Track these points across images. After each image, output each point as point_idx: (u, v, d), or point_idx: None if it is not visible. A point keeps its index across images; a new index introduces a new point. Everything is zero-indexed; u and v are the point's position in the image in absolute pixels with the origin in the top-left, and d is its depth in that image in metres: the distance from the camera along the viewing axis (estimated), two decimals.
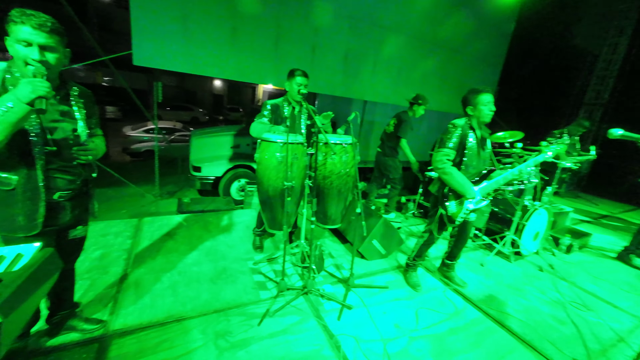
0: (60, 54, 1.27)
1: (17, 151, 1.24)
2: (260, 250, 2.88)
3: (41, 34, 1.18)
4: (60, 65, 1.30)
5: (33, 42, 1.17)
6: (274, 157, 2.14)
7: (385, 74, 4.69)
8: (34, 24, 1.16)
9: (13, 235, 1.31)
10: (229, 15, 3.35)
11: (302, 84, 2.45)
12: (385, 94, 4.85)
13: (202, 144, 5.85)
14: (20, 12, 1.16)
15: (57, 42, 1.24)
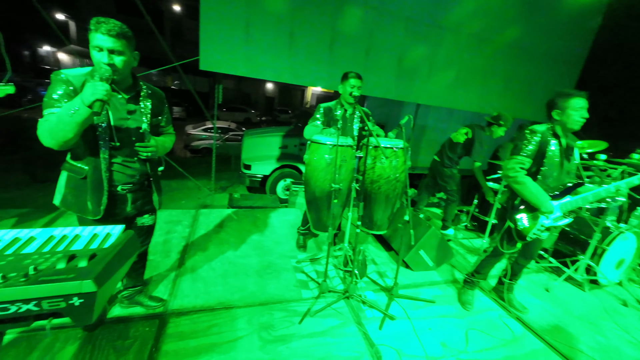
0: (127, 57, 1.36)
1: (88, 144, 1.41)
2: (303, 249, 2.93)
3: (109, 39, 1.28)
4: (128, 67, 1.39)
5: (103, 47, 1.28)
6: (323, 158, 2.16)
7: (441, 76, 4.44)
8: (104, 30, 1.26)
9: (84, 217, 1.50)
10: (287, 20, 3.49)
11: (355, 85, 2.44)
12: (441, 98, 4.59)
13: (253, 144, 6.20)
14: (96, 20, 1.27)
15: (124, 46, 1.33)
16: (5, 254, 0.73)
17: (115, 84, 1.40)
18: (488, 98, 4.82)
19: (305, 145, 6.65)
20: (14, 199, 3.94)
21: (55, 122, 1.22)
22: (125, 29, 1.33)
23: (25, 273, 0.62)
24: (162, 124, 1.69)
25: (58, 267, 0.67)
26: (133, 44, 1.39)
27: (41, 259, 0.70)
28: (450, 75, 4.46)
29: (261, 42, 3.46)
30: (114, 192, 1.53)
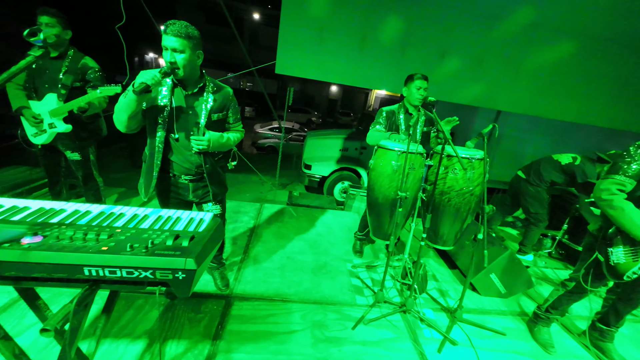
0: (188, 55, 1.43)
1: (152, 133, 1.59)
2: (359, 254, 2.90)
3: (172, 39, 1.38)
4: (189, 65, 1.46)
5: (168, 46, 1.40)
6: (389, 165, 2.10)
7: (529, 80, 3.92)
8: (170, 31, 1.37)
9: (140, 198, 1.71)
10: (360, 24, 3.50)
11: (421, 86, 2.33)
12: (526, 105, 4.06)
13: (315, 144, 6.37)
14: (167, 23, 1.39)
15: (185, 45, 1.41)
16: (129, 227, 0.88)
17: (180, 80, 1.54)
18: (593, 106, 4.08)
19: (366, 149, 6.56)
20: (118, 180, 4.75)
21: (116, 106, 1.46)
22: (189, 30, 1.41)
23: (146, 245, 0.74)
24: (230, 120, 1.77)
25: (167, 244, 0.78)
26: (196, 44, 1.46)
27: (154, 235, 0.83)
28: (542, 80, 3.91)
29: (333, 46, 3.54)
30: (176, 180, 1.70)
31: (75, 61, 2.19)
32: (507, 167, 5.15)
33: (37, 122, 2.15)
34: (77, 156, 2.37)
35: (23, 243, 0.70)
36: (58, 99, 2.15)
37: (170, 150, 1.64)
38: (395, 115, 2.45)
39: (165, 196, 1.78)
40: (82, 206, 0.98)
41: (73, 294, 0.98)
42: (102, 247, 0.71)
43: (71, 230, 0.77)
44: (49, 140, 2.25)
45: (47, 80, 2.14)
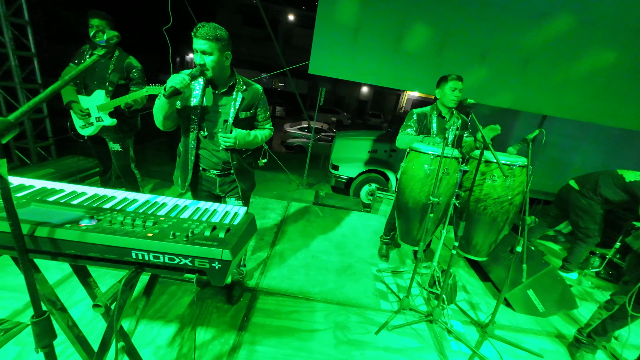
0: (216, 57, 1.48)
1: (184, 130, 1.68)
2: (385, 259, 2.84)
3: (201, 42, 1.43)
4: (218, 66, 1.50)
5: (198, 49, 1.46)
6: (422, 168, 2.04)
7: (581, 84, 3.60)
8: (199, 34, 1.42)
9: (176, 189, 1.80)
10: (397, 25, 3.43)
11: (456, 87, 2.24)
12: (576, 110, 3.73)
13: (343, 145, 6.34)
14: (197, 26, 1.43)
15: (213, 47, 1.45)
16: (171, 216, 0.93)
17: (211, 80, 1.59)
18: None
19: (395, 151, 6.42)
20: (158, 172, 5.06)
21: (154, 107, 1.56)
22: (217, 32, 1.44)
23: (187, 235, 0.78)
24: (259, 118, 1.80)
25: (205, 234, 0.81)
26: (225, 45, 1.50)
27: (194, 225, 0.87)
28: (596, 83, 3.57)
29: (368, 47, 3.50)
30: (206, 174, 1.77)
31: (121, 60, 2.37)
32: (550, 177, 4.77)
33: (84, 115, 2.36)
34: (118, 147, 2.57)
35: (81, 225, 0.77)
36: (106, 95, 2.35)
37: (201, 146, 1.72)
38: (427, 118, 2.37)
39: (195, 188, 1.87)
40: (130, 194, 1.06)
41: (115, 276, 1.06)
42: (147, 234, 0.77)
43: (121, 216, 0.84)
44: (94, 132, 2.47)
45: (97, 78, 2.34)
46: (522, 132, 4.81)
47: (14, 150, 3.75)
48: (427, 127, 2.36)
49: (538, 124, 4.22)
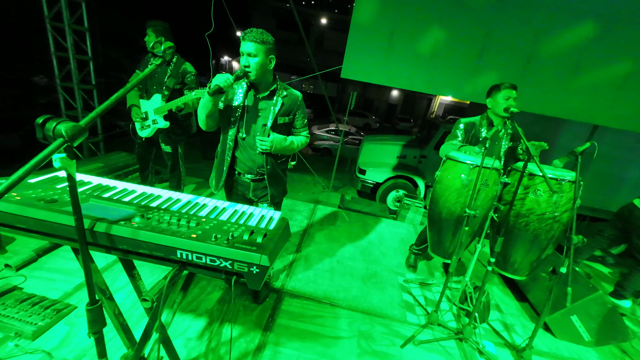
0: (261, 59, 1.52)
1: (224, 132, 1.72)
2: (413, 269, 2.75)
3: (248, 44, 1.50)
4: (261, 68, 1.54)
5: (244, 52, 1.52)
6: (458, 178, 1.95)
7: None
8: (246, 37, 1.50)
9: (210, 190, 1.86)
10: (433, 29, 3.33)
11: (510, 96, 2.11)
12: (633, 121, 3.39)
13: (371, 149, 6.26)
14: (245, 31, 1.52)
15: (259, 50, 1.50)
16: (211, 217, 0.96)
17: (253, 84, 1.64)
18: None
19: (426, 157, 6.21)
20: (190, 170, 5.30)
21: (198, 106, 1.64)
22: (264, 37, 1.51)
23: (227, 238, 0.80)
24: (297, 125, 1.82)
25: (244, 238, 0.83)
26: (270, 49, 1.55)
27: (233, 228, 0.90)
28: None
29: (403, 52, 3.43)
30: (241, 178, 1.81)
31: (177, 66, 2.53)
32: (599, 192, 4.38)
33: (142, 117, 2.55)
34: (169, 149, 2.73)
35: (133, 223, 0.82)
36: (162, 98, 2.51)
37: (238, 148, 1.76)
38: (476, 128, 2.26)
39: (229, 191, 1.92)
40: (174, 194, 1.11)
41: (151, 269, 1.11)
42: (192, 234, 0.80)
43: (167, 215, 0.88)
44: (151, 134, 2.65)
45: (156, 83, 2.52)
46: (568, 142, 4.45)
47: None
48: (476, 137, 2.26)
49: (588, 134, 3.89)
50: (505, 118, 2.22)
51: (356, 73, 3.58)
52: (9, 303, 1.70)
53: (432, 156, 5.77)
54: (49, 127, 0.64)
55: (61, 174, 1.13)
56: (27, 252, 0.82)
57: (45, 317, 1.66)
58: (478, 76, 3.35)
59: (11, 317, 1.61)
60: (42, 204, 0.84)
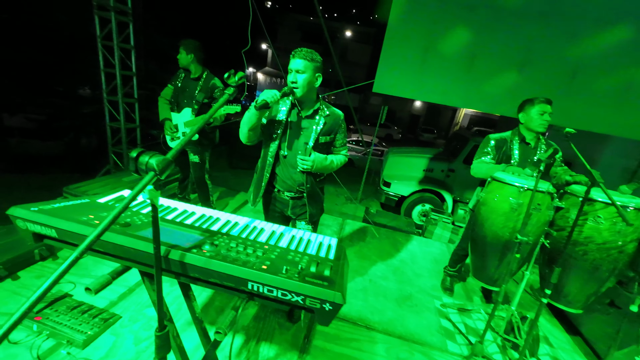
0: (308, 76, 1.55)
1: (265, 148, 1.72)
2: (449, 292, 2.62)
3: (297, 61, 1.53)
4: (307, 85, 1.57)
5: (292, 69, 1.55)
6: (507, 201, 1.85)
7: None
8: (296, 55, 1.54)
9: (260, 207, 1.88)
10: (469, 44, 3.26)
11: (545, 111, 2.01)
12: None
13: (396, 162, 6.15)
14: (296, 50, 1.55)
15: (307, 67, 1.54)
16: (272, 244, 0.96)
17: (298, 101, 1.65)
18: None
19: (454, 171, 6.02)
20: (217, 178, 5.44)
21: (242, 120, 1.63)
22: (313, 55, 1.55)
23: (298, 271, 0.79)
24: (337, 144, 1.81)
25: (311, 270, 0.82)
26: (317, 67, 1.58)
27: (297, 258, 0.88)
28: None
29: (437, 67, 3.38)
30: (280, 195, 1.81)
31: (207, 81, 2.63)
32: None
33: (173, 131, 2.66)
34: (196, 159, 2.82)
35: (204, 251, 0.83)
36: (192, 112, 2.61)
37: (279, 165, 1.77)
38: (507, 144, 2.16)
39: (267, 207, 1.93)
40: (231, 216, 1.13)
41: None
42: (262, 266, 0.79)
43: (234, 243, 0.89)
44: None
45: (187, 97, 2.63)
46: (613, 160, 4.17)
47: (111, 154, 4.36)
48: (507, 154, 2.16)
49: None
50: (539, 134, 2.11)
51: (389, 87, 3.56)
52: (61, 310, 1.78)
53: (461, 170, 5.59)
54: (142, 160, 0.66)
55: (126, 194, 1.18)
56: (104, 276, 0.84)
57: (93, 326, 1.72)
58: (518, 91, 3.23)
59: (63, 325, 1.68)
60: (118, 228, 0.86)
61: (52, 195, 5.04)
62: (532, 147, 2.15)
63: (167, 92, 2.71)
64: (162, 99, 2.73)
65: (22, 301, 1.87)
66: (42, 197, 5.05)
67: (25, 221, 0.85)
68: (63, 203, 0.96)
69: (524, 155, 2.13)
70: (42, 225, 0.85)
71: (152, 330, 1.69)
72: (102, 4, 3.64)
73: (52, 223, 0.84)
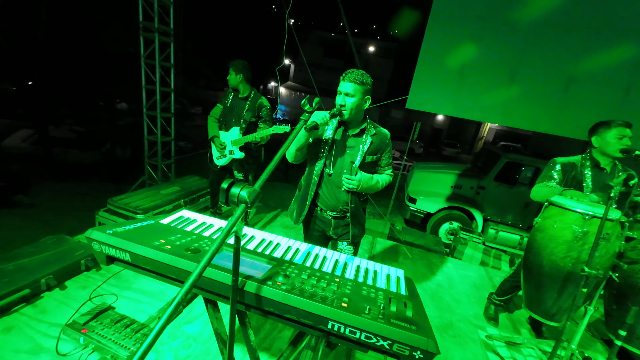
0: (357, 99, 1.55)
1: (310, 166, 1.70)
2: (494, 323, 2.44)
3: (347, 84, 1.53)
4: (356, 108, 1.57)
5: (342, 91, 1.55)
6: (569, 229, 1.71)
7: None
8: (346, 78, 1.54)
9: (290, 223, 1.81)
10: (510, 60, 3.16)
11: (624, 135, 1.86)
12: None
13: (422, 177, 5.99)
14: (346, 72, 1.56)
15: (356, 90, 1.54)
16: (337, 274, 0.91)
17: (345, 122, 1.64)
18: None
19: (484, 189, 5.77)
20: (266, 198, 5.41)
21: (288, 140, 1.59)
22: (364, 78, 1.54)
23: (382, 312, 0.73)
24: (382, 163, 1.77)
25: (392, 310, 0.76)
26: (367, 90, 1.58)
27: (372, 294, 0.83)
28: None
29: (475, 83, 3.29)
30: (322, 214, 1.76)
31: (254, 101, 2.69)
32: None
33: (222, 148, 2.71)
34: (241, 176, 2.85)
35: (279, 283, 0.79)
36: (239, 131, 2.66)
37: (323, 184, 1.74)
38: (577, 169, 2.01)
39: (307, 226, 1.88)
40: (290, 242, 1.10)
41: None
42: (342, 304, 0.75)
43: (305, 274, 0.85)
44: (226, 163, 2.80)
45: (235, 116, 2.69)
46: None
47: (147, 166, 4.53)
48: (578, 180, 1.99)
49: None
50: (616, 159, 1.95)
51: (423, 104, 3.50)
52: (105, 323, 1.80)
53: (492, 188, 5.36)
54: (234, 192, 0.64)
55: (186, 214, 1.18)
56: None
57: (136, 341, 1.71)
58: (564, 108, 3.07)
59: (108, 339, 1.69)
60: (189, 254, 0.85)
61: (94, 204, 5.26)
62: (608, 173, 1.98)
63: (217, 111, 2.79)
64: (211, 118, 2.81)
65: (69, 312, 1.92)
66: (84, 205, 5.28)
67: (102, 244, 0.86)
68: (131, 225, 0.96)
69: (598, 182, 1.96)
70: (117, 249, 0.85)
71: (190, 349, 1.67)
72: (148, 26, 3.88)
73: (127, 247, 0.84)
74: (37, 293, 1.94)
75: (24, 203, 5.20)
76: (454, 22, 3.28)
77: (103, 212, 2.76)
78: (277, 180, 8.34)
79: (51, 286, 2.01)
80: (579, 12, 2.92)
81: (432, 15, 3.35)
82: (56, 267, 2.04)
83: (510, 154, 5.31)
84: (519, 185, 5.16)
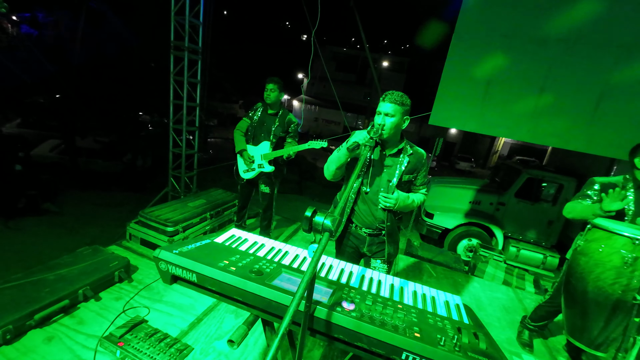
0: (397, 119, 1.58)
1: (346, 183, 1.66)
2: (529, 349, 2.33)
3: (387, 105, 1.56)
4: (395, 128, 1.60)
5: (382, 111, 1.58)
6: (617, 254, 1.64)
7: None
8: (387, 99, 1.57)
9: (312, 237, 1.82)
10: (539, 77, 3.15)
11: None
12: None
13: (440, 192, 5.89)
14: (386, 93, 1.61)
15: (396, 110, 1.57)
16: (396, 300, 0.90)
17: (384, 141, 1.66)
18: None
19: (504, 205, 5.63)
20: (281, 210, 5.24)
21: (330, 158, 1.68)
22: (403, 99, 1.58)
23: (456, 343, 0.72)
24: (417, 183, 1.78)
25: (464, 341, 0.74)
26: (406, 111, 1.62)
27: (439, 322, 0.81)
28: None
29: (500, 100, 3.29)
30: (357, 230, 1.77)
31: (283, 117, 2.76)
32: None
33: (250, 162, 2.76)
34: (267, 190, 2.89)
35: (346, 308, 0.79)
36: (270, 146, 2.72)
37: (359, 201, 1.75)
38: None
39: (340, 242, 1.88)
40: (341, 264, 1.10)
41: None
42: (414, 333, 0.73)
43: (369, 300, 0.84)
44: (253, 176, 2.84)
45: (264, 131, 2.75)
46: None
47: (170, 178, 4.65)
48: None
49: None
50: None
51: (446, 120, 3.51)
52: (140, 336, 1.81)
53: (513, 204, 5.23)
54: (318, 221, 0.65)
55: (237, 234, 1.20)
56: (242, 327, 0.83)
57: (170, 356, 1.72)
58: (595, 126, 3.01)
59: (143, 353, 1.70)
60: (254, 276, 0.86)
61: (116, 212, 5.36)
62: None
63: (243, 125, 2.86)
64: (237, 132, 2.88)
65: (104, 323, 1.94)
66: (107, 214, 5.39)
67: (169, 264, 0.88)
68: (192, 245, 0.99)
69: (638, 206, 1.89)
70: (184, 269, 0.86)
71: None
72: (178, 45, 4.06)
73: (194, 268, 0.86)
74: (75, 304, 1.99)
75: (52, 211, 5.38)
76: (479, 40, 3.31)
77: (134, 224, 2.83)
78: (292, 192, 8.37)
79: (88, 297, 2.05)
80: (610, 29, 2.90)
81: (455, 33, 3.40)
82: (93, 278, 2.08)
83: (532, 169, 5.20)
84: (542, 202, 5.02)
